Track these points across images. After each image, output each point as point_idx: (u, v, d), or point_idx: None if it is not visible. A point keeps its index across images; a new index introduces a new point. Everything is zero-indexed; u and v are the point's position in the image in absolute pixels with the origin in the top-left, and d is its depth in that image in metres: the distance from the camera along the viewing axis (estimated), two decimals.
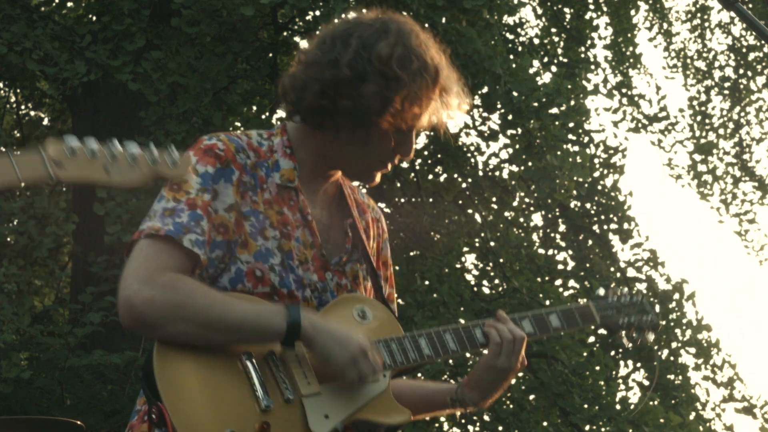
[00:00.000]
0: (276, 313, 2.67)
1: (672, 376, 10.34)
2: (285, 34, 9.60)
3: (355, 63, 2.73)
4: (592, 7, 12.03)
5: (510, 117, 9.23)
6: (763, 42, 2.94)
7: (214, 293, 2.68)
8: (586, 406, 9.09)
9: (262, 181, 2.82)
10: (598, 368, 9.29)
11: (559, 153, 9.31)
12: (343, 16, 3.06)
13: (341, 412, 2.72)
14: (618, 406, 9.23)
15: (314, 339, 2.69)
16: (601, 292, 3.35)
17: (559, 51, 11.74)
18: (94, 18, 9.14)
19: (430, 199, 10.18)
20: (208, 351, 2.66)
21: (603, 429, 9.19)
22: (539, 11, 12.10)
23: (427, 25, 9.28)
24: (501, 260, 10.14)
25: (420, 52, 2.77)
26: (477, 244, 10.51)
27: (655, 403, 9.46)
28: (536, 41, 11.72)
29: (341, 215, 2.95)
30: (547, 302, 9.40)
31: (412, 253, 9.98)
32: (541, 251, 10.56)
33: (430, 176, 10.29)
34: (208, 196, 2.73)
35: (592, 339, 10.38)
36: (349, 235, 2.92)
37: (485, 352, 2.96)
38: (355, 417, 2.75)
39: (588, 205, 10.76)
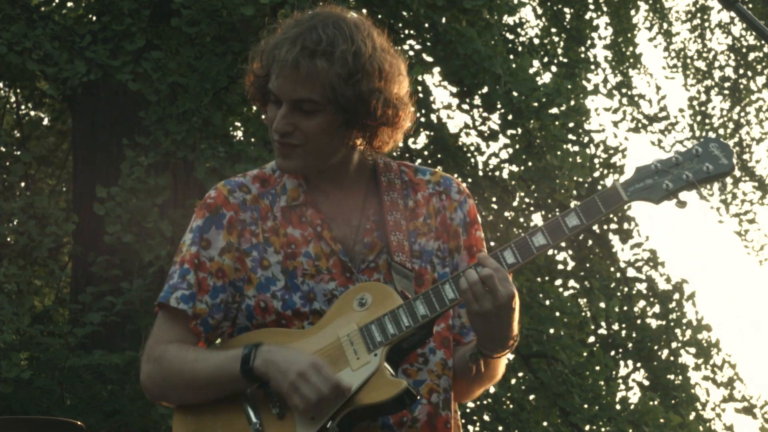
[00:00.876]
0: (235, 359, 2.75)
1: (672, 376, 10.34)
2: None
3: None
4: (592, 7, 12.03)
5: (510, 117, 9.23)
6: (763, 42, 2.93)
7: (188, 355, 2.81)
8: (586, 406, 9.09)
9: (266, 211, 2.87)
10: (598, 368, 9.29)
11: (559, 153, 9.31)
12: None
13: (328, 410, 2.69)
14: (618, 406, 9.23)
15: (267, 376, 2.72)
16: (648, 162, 2.74)
17: (559, 51, 11.74)
18: (94, 18, 9.13)
19: None
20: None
21: (603, 429, 9.19)
22: (539, 11, 12.10)
23: (427, 24, 9.29)
24: None
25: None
26: None
27: (655, 403, 9.46)
28: (536, 41, 11.71)
29: (373, 208, 2.91)
30: (547, 302, 9.41)
31: None
32: None
33: None
34: (195, 248, 2.85)
35: (592, 339, 10.38)
36: (368, 228, 2.87)
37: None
38: (349, 408, 2.70)
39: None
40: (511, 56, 9.99)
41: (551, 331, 9.29)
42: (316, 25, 2.74)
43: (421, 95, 9.59)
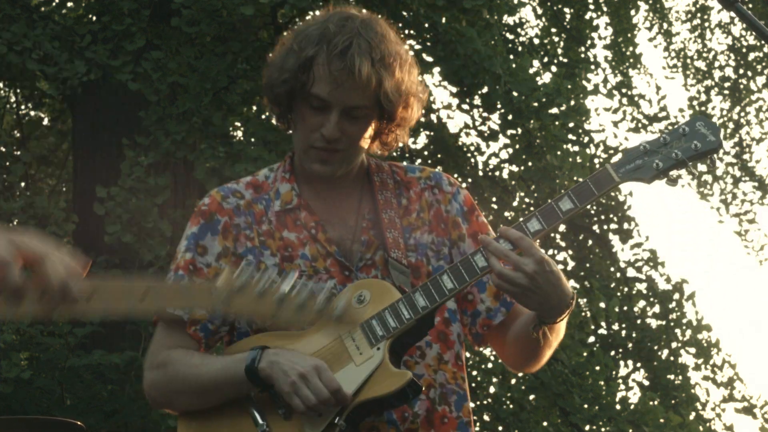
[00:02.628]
0: (240, 362, 2.75)
1: (672, 376, 10.34)
2: (285, 34, 9.59)
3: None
4: (592, 7, 12.02)
5: (510, 117, 9.23)
6: (763, 42, 2.93)
7: (193, 360, 2.83)
8: (586, 406, 9.09)
9: (260, 215, 2.89)
10: (598, 368, 9.29)
11: (559, 153, 9.31)
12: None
13: (329, 412, 2.70)
14: (618, 406, 9.23)
15: (271, 378, 2.72)
16: (636, 142, 2.79)
17: (559, 51, 11.73)
18: (94, 18, 9.14)
19: None
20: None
21: (603, 429, 9.19)
22: (539, 11, 12.09)
23: (427, 24, 9.29)
24: None
25: (313, 22, 2.84)
26: None
27: (655, 403, 9.46)
28: (536, 41, 11.71)
29: (368, 207, 2.94)
30: None
31: None
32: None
33: None
34: (190, 255, 2.86)
35: (592, 339, 10.38)
36: (363, 226, 2.89)
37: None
38: (354, 403, 2.71)
39: (588, 205, 10.76)
40: (511, 56, 9.99)
41: None
42: (358, 30, 2.76)
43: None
